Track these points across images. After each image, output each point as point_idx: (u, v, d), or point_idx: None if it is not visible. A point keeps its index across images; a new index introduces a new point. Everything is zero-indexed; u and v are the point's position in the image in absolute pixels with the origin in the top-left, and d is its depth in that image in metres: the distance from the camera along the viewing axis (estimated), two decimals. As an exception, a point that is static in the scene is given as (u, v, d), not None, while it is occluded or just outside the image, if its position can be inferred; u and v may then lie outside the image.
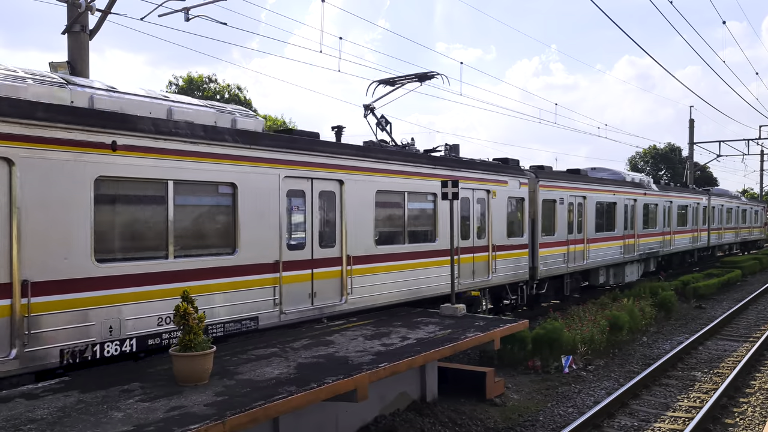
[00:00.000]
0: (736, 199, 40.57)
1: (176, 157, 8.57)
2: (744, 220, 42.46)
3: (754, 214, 45.46)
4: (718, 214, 36.03)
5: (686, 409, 10.68)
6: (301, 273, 10.39)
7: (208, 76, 54.10)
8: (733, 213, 39.32)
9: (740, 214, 40.90)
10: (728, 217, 37.79)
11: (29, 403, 6.34)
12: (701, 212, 32.35)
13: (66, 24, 12.87)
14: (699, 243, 32.46)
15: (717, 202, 35.20)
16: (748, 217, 43.78)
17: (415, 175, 12.85)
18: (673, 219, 28.61)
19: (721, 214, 36.54)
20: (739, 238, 41.34)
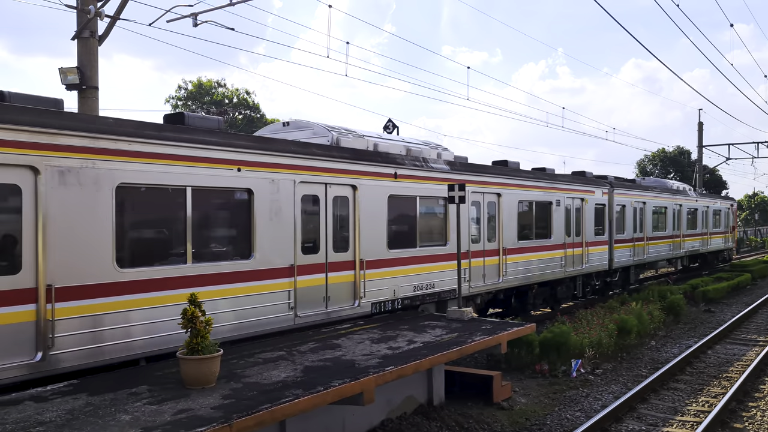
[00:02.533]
0: (675, 193, 27.79)
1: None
2: (693, 224, 29.96)
3: (708, 216, 32.10)
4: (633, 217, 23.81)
5: (695, 414, 10.63)
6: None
7: (217, 81, 54.32)
8: (669, 214, 26.80)
9: (676, 215, 27.47)
10: (659, 220, 25.94)
11: (38, 406, 6.40)
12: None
13: (75, 30, 12.99)
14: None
15: (634, 199, 23.24)
16: (701, 220, 30.88)
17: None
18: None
19: (638, 217, 23.91)
20: (683, 251, 28.38)
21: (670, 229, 26.57)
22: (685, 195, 28.81)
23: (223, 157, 9.14)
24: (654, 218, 24.97)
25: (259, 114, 54.88)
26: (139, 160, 8.16)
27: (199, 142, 8.86)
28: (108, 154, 7.85)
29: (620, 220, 22.03)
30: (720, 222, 34.52)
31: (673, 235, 26.91)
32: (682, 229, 27.91)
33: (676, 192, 28.04)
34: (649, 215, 24.42)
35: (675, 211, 27.04)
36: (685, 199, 28.43)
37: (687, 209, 28.57)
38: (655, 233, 25.07)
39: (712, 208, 32.76)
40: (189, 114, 9.43)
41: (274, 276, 9.83)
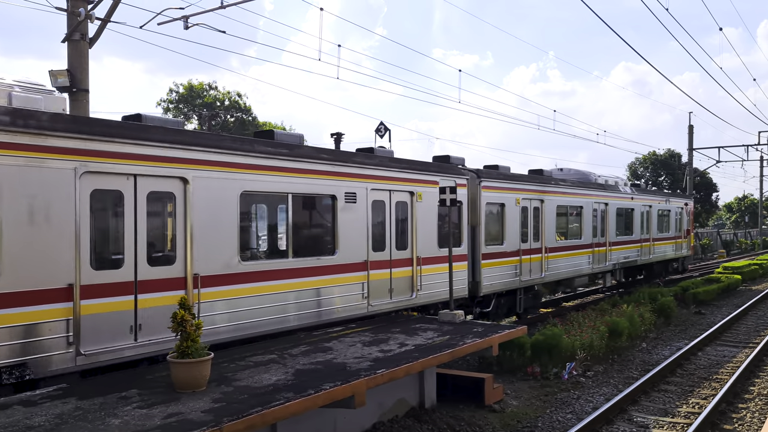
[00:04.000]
0: (596, 188, 21.75)
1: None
2: (628, 228, 24.03)
3: (650, 217, 25.99)
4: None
5: (685, 415, 10.67)
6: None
7: (209, 84, 54.22)
8: (587, 215, 20.73)
9: (600, 216, 21.65)
10: (571, 224, 20.00)
11: (27, 410, 6.36)
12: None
13: (65, 32, 12.94)
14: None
15: (523, 196, 17.36)
16: (640, 222, 24.85)
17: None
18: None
19: (531, 220, 17.93)
20: (611, 264, 22.32)
21: (589, 235, 20.47)
22: (615, 191, 22.99)
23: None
24: (560, 221, 18.89)
25: (251, 117, 54.83)
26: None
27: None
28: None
29: (495, 225, 16.02)
30: (669, 225, 28.20)
31: (595, 243, 20.89)
32: (610, 235, 21.96)
33: (599, 187, 22.01)
34: (551, 217, 18.30)
35: (597, 211, 21.21)
36: (613, 196, 22.49)
37: (617, 209, 22.73)
38: (562, 241, 18.98)
39: (656, 207, 26.60)
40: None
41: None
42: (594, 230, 20.92)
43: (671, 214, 28.65)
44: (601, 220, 21.64)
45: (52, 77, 12.75)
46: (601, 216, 21.73)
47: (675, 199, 29.77)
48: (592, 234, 20.75)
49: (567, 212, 19.43)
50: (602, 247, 21.70)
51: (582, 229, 20.19)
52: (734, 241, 66.54)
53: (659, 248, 27.16)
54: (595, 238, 21.02)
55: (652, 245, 26.20)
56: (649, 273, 27.76)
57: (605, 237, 21.93)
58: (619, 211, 23.10)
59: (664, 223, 27.84)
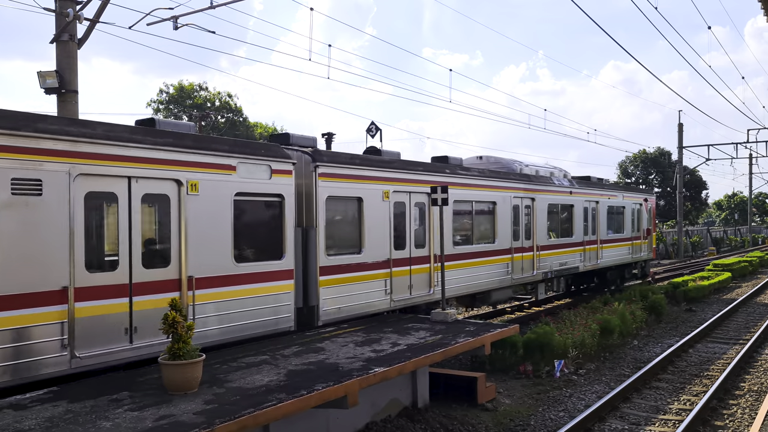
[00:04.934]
0: (517, 180, 17.58)
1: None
2: (566, 229, 19.91)
3: (598, 215, 21.77)
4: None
5: (676, 412, 10.73)
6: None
7: (199, 84, 54.01)
8: (504, 213, 16.81)
9: (522, 214, 17.67)
10: (479, 225, 16.01)
11: (17, 414, 6.31)
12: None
13: (54, 33, 12.86)
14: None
15: (395, 188, 13.16)
16: (581, 221, 20.60)
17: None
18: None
19: (411, 221, 14.06)
20: (540, 272, 18.13)
21: (508, 238, 16.50)
22: (546, 183, 18.84)
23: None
24: (462, 220, 15.22)
25: (241, 117, 54.69)
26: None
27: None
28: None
29: (346, 227, 12.03)
30: (624, 224, 23.96)
31: (518, 247, 16.99)
32: (538, 237, 17.93)
33: (523, 178, 17.77)
34: (448, 215, 14.24)
35: (520, 207, 17.31)
36: (544, 190, 18.51)
37: (549, 205, 18.70)
38: (466, 247, 15.09)
39: (605, 204, 22.22)
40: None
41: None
42: (515, 232, 16.94)
43: (626, 212, 24.34)
44: (525, 219, 17.60)
45: (41, 78, 12.67)
46: (526, 214, 17.72)
47: (631, 193, 25.34)
48: (512, 236, 16.70)
49: (473, 209, 15.37)
50: (528, 253, 17.58)
51: (496, 230, 16.11)
52: (724, 239, 66.98)
53: (610, 252, 22.77)
54: (517, 241, 17.00)
55: (599, 248, 21.76)
56: (602, 280, 23.66)
57: (532, 240, 17.78)
58: (552, 208, 18.95)
59: (617, 222, 23.64)
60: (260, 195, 10.10)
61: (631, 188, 27.55)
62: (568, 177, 20.83)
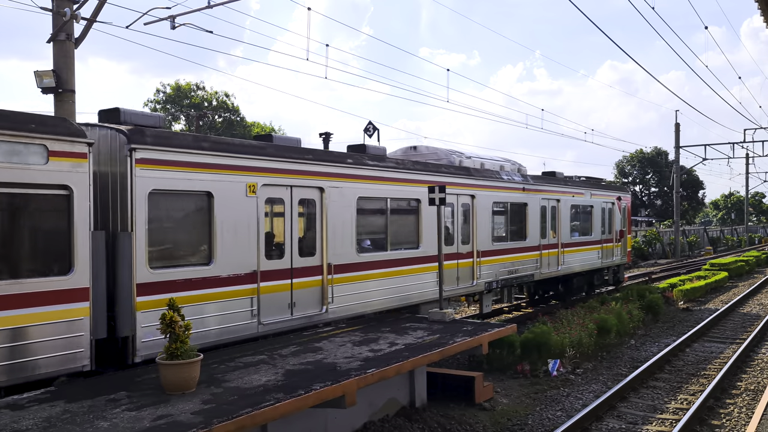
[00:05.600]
0: (453, 174, 14.95)
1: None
2: (517, 232, 17.40)
3: (559, 216, 19.24)
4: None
5: (673, 411, 10.75)
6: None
7: (196, 84, 53.95)
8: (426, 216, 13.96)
9: (459, 215, 15.08)
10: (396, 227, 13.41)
11: (14, 414, 6.30)
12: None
13: (51, 32, 12.83)
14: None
15: (264, 181, 10.31)
16: (537, 223, 18.09)
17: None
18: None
19: (294, 223, 11.10)
20: (478, 282, 15.42)
21: (431, 243, 13.42)
22: (491, 178, 16.12)
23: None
24: (370, 222, 12.57)
25: (239, 117, 54.65)
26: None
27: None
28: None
29: (185, 231, 9.40)
30: (592, 225, 21.38)
31: (451, 254, 14.42)
32: (479, 242, 15.33)
33: (461, 173, 15.07)
34: (346, 215, 11.70)
35: (456, 206, 14.71)
36: (487, 186, 15.81)
37: (494, 203, 16.09)
38: (374, 254, 12.41)
39: (568, 202, 19.60)
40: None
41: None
42: (449, 236, 14.49)
43: (595, 212, 21.71)
44: (463, 220, 14.99)
45: (38, 78, 12.65)
46: (465, 213, 15.07)
47: (601, 191, 22.57)
48: (444, 240, 13.45)
49: (388, 208, 12.78)
50: (467, 260, 14.97)
51: (421, 233, 13.52)
52: (721, 238, 67.13)
53: (575, 256, 20.26)
54: (451, 245, 14.50)
55: (561, 253, 19.25)
56: (567, 288, 21.19)
57: (471, 244, 15.14)
58: (499, 207, 16.45)
59: (583, 222, 21.06)
60: (26, 186, 7.24)
61: (602, 185, 23.74)
62: (523, 172, 18.40)
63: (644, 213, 77.08)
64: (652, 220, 71.83)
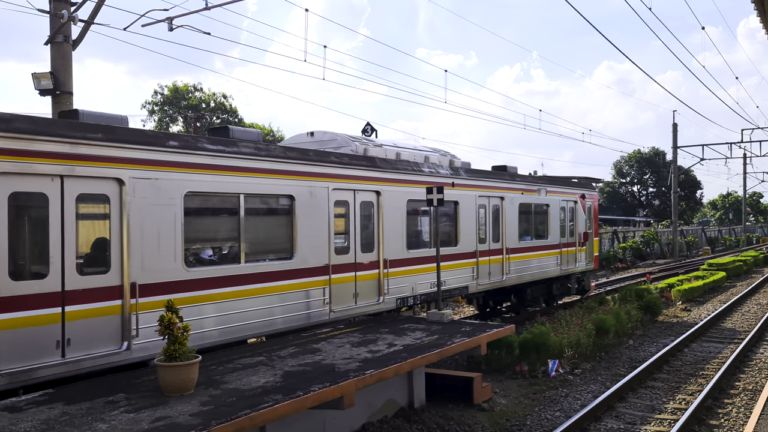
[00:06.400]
0: (374, 166, 12.49)
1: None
2: (449, 236, 14.70)
3: (504, 217, 16.63)
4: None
5: (672, 411, 10.76)
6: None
7: (194, 85, 53.92)
8: (301, 216, 10.85)
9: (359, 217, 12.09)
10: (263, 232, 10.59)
11: (12, 416, 6.30)
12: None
13: (49, 34, 12.83)
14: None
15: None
16: (474, 226, 15.42)
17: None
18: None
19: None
20: (385, 300, 12.46)
21: (321, 252, 11.10)
22: (406, 170, 13.29)
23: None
24: (213, 228, 10.01)
25: (236, 118, 54.64)
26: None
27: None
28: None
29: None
30: (548, 227, 18.76)
31: (339, 265, 11.50)
32: (384, 249, 12.47)
33: (359, 163, 12.18)
34: (170, 215, 8.80)
35: (352, 205, 11.87)
36: (398, 180, 13.01)
37: (409, 201, 13.21)
38: (221, 268, 9.51)
39: (513, 201, 16.95)
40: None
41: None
42: (341, 241, 11.69)
43: (552, 211, 19.07)
44: (364, 222, 12.17)
45: (36, 80, 12.65)
46: (366, 214, 12.21)
47: (559, 188, 19.79)
48: (331, 249, 11.22)
49: (241, 207, 9.78)
50: (369, 271, 12.10)
51: (296, 239, 10.60)
52: (719, 238, 67.23)
53: (526, 263, 17.63)
54: (345, 254, 11.56)
55: (506, 260, 16.59)
56: (521, 299, 18.90)
57: (376, 251, 12.31)
58: (416, 206, 13.56)
59: (536, 224, 18.49)
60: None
61: (561, 181, 20.70)
62: (456, 164, 15.51)
63: (642, 213, 77.19)
64: (650, 221, 71.94)
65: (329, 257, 11.26)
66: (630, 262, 43.22)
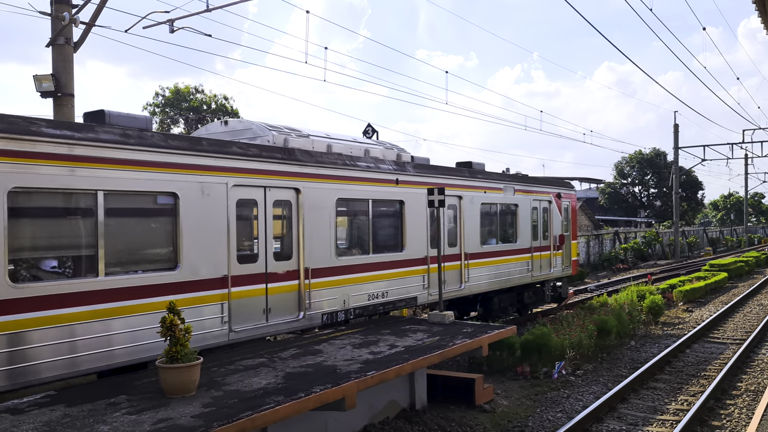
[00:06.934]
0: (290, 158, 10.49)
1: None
2: (392, 239, 12.96)
3: (462, 216, 14.77)
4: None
5: (674, 412, 10.75)
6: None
7: (195, 87, 53.98)
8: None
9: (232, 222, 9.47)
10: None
11: (14, 418, 6.30)
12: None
13: (50, 37, 12.85)
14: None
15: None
16: (442, 224, 13.54)
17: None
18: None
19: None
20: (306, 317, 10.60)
21: (219, 260, 9.21)
22: (336, 165, 11.46)
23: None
24: (58, 230, 7.93)
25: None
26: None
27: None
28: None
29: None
30: (516, 230, 17.07)
31: (241, 276, 9.59)
32: (305, 256, 10.63)
33: (271, 155, 10.28)
34: None
35: (251, 205, 9.94)
36: (324, 176, 11.12)
37: (338, 200, 11.43)
38: (71, 283, 7.61)
39: (474, 200, 15.21)
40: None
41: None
42: (245, 247, 9.85)
43: (522, 212, 17.33)
44: (280, 224, 10.46)
45: (37, 82, 12.66)
46: (282, 216, 10.46)
47: (529, 186, 17.96)
48: (231, 256, 9.37)
49: (98, 207, 7.93)
50: (282, 283, 10.22)
51: (180, 244, 8.75)
52: (720, 239, 67.17)
53: (490, 270, 15.82)
54: (250, 264, 9.76)
55: (465, 266, 14.84)
56: (488, 309, 16.81)
57: (296, 259, 10.48)
58: (350, 206, 12.05)
59: (502, 226, 16.78)
60: None
61: (533, 179, 18.73)
62: (404, 158, 13.76)
63: (643, 214, 77.14)
64: (652, 221, 71.89)
65: (228, 267, 9.26)
66: (631, 263, 43.19)
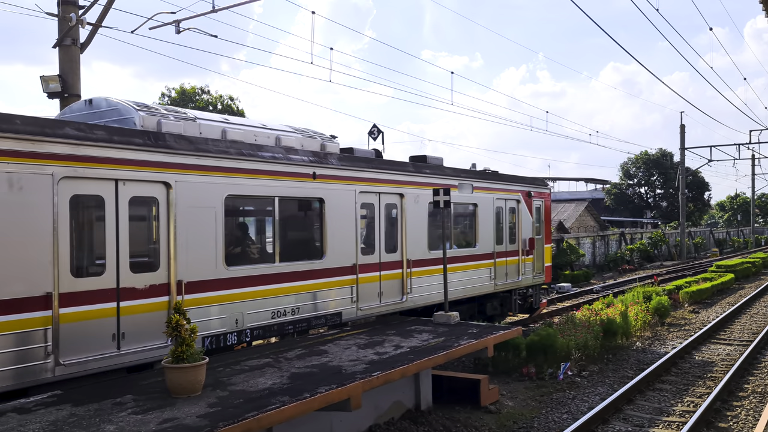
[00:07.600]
0: (157, 144, 8.38)
1: None
2: (308, 245, 11.03)
3: (404, 217, 12.69)
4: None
5: (680, 414, 10.71)
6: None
7: (201, 88, 54.12)
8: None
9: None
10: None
11: (21, 418, 6.33)
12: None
13: (57, 37, 12.91)
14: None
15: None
16: (378, 227, 12.18)
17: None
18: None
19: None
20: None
21: (43, 273, 7.11)
22: (223, 155, 9.20)
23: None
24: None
25: (244, 121, 54.74)
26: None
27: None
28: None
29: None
30: (476, 233, 15.12)
31: (81, 292, 7.47)
32: (177, 267, 8.51)
33: (128, 140, 8.05)
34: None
35: (119, 208, 7.91)
36: (202, 166, 8.91)
37: (228, 198, 9.32)
38: None
39: (418, 199, 13.11)
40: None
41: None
42: (102, 259, 7.91)
43: (482, 213, 15.34)
44: (130, 229, 8.14)
45: (44, 83, 12.72)
46: (133, 217, 8.27)
47: (492, 183, 15.96)
48: (57, 268, 7.26)
49: None
50: (143, 301, 8.20)
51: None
52: (727, 240, 66.89)
53: (438, 279, 13.19)
54: (95, 278, 7.76)
55: (408, 275, 12.83)
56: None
57: (167, 270, 8.47)
58: (241, 205, 10.53)
59: (460, 229, 15.23)
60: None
61: (497, 176, 16.62)
62: (330, 149, 11.63)
63: (650, 215, 76.90)
64: (658, 222, 71.66)
65: (55, 283, 7.21)
66: (637, 264, 43.06)
